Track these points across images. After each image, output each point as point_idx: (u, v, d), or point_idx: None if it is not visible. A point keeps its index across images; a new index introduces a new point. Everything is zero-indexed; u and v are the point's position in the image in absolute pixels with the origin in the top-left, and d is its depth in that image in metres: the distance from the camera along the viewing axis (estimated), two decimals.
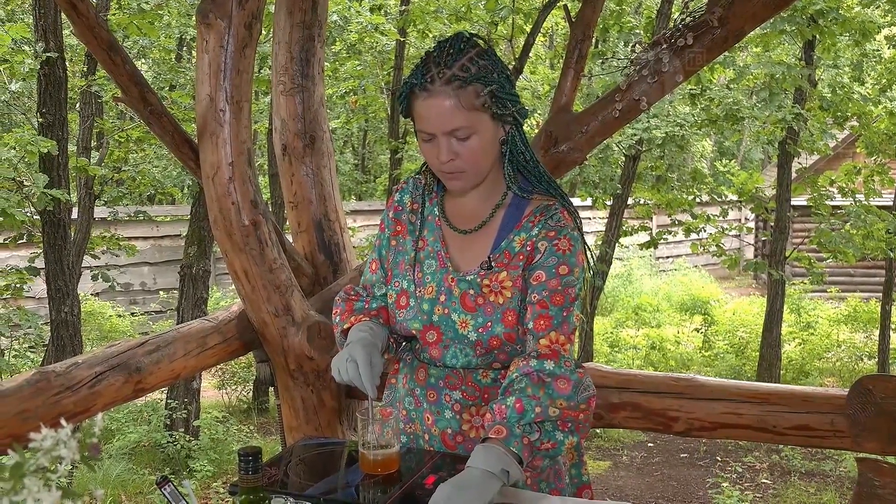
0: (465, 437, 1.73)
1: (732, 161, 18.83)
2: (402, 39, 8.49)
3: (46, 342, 6.23)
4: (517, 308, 1.68)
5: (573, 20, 2.69)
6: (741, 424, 2.24)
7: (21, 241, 6.12)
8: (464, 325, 1.70)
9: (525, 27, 8.15)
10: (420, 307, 1.74)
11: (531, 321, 1.67)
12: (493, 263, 1.70)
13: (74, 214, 6.51)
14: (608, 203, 8.52)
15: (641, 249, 9.09)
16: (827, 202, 8.37)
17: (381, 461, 1.59)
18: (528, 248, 1.69)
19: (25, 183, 5.56)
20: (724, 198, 9.21)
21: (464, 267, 1.74)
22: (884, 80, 9.22)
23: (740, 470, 7.05)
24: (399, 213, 1.84)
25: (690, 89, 7.91)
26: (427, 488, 1.56)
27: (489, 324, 1.68)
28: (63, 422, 0.89)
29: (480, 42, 1.67)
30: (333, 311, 1.90)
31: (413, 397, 1.80)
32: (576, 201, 7.76)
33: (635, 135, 8.14)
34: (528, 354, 1.65)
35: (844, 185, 8.47)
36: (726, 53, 6.70)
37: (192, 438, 6.78)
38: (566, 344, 1.65)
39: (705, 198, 9.33)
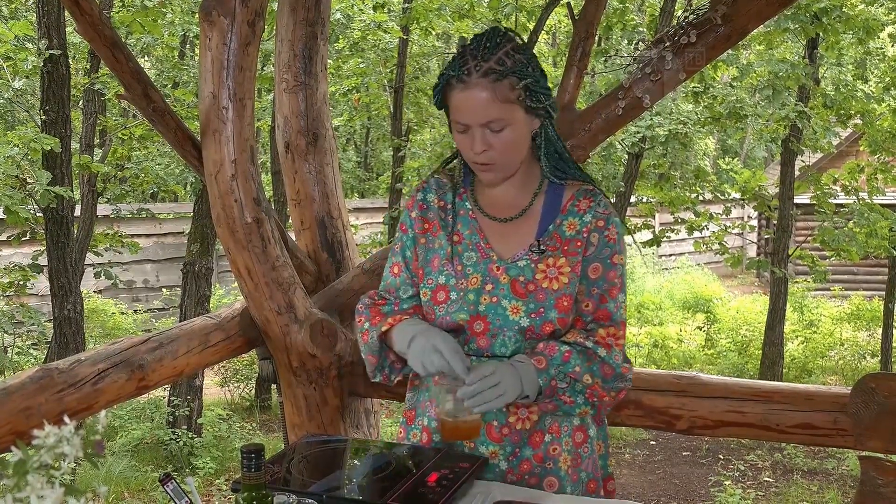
0: (512, 429, 1.72)
1: (735, 159, 18.80)
2: (405, 37, 8.48)
3: (49, 339, 6.24)
4: (573, 294, 1.71)
5: (576, 18, 2.69)
6: (744, 423, 2.23)
7: (24, 239, 6.14)
8: (515, 311, 1.70)
9: (528, 25, 8.14)
10: (465, 298, 1.72)
11: (590, 314, 1.73)
12: (543, 247, 1.72)
13: (77, 212, 6.52)
14: (611, 201, 8.49)
15: (644, 247, 9.08)
16: (830, 200, 8.35)
17: (465, 429, 1.61)
18: (584, 235, 1.73)
19: (29, 180, 5.57)
20: (727, 196, 9.20)
21: (507, 254, 1.74)
22: (887, 78, 9.20)
23: (743, 468, 7.04)
24: (425, 212, 1.82)
25: (694, 87, 7.90)
26: (430, 485, 1.56)
27: (542, 310, 1.69)
28: (66, 419, 0.90)
29: (516, 37, 1.69)
30: (357, 319, 1.84)
31: None
32: None
33: (638, 132, 8.13)
34: (588, 335, 1.71)
35: (848, 184, 8.45)
36: (730, 51, 6.69)
37: (194, 436, 6.79)
38: (621, 339, 1.73)
39: (708, 196, 9.31)
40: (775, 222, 8.53)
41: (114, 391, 2.22)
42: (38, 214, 5.69)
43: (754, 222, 15.33)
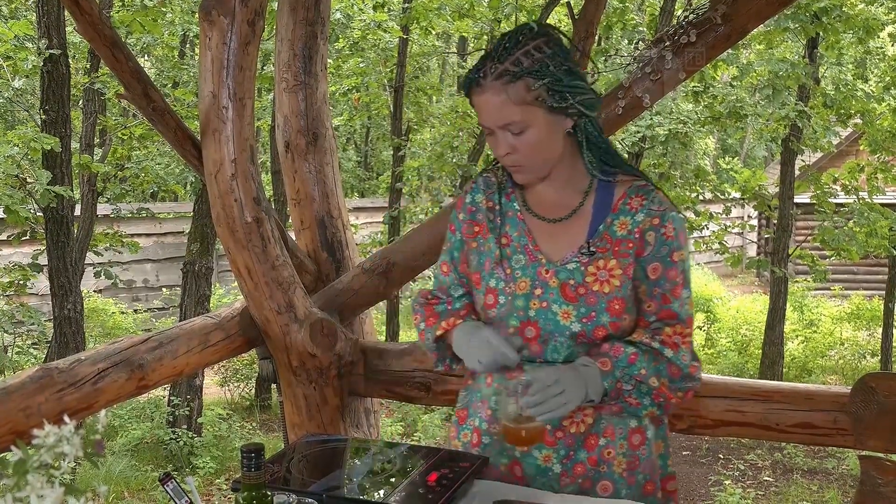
0: (566, 433, 1.68)
1: (735, 158, 18.79)
2: (405, 37, 8.48)
3: (49, 339, 6.24)
4: (626, 297, 1.66)
5: (576, 17, 2.68)
6: (744, 422, 2.23)
7: (24, 238, 6.13)
8: (566, 315, 1.65)
9: None
10: (513, 304, 1.68)
11: (654, 314, 1.68)
12: (592, 248, 1.67)
13: (77, 211, 6.52)
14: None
15: None
16: (830, 200, 8.35)
17: (528, 436, 1.58)
18: (637, 235, 1.67)
19: (29, 180, 5.57)
20: (727, 195, 9.19)
21: (556, 256, 1.69)
22: (888, 78, 9.19)
23: (742, 468, 7.04)
24: (474, 214, 1.79)
25: (694, 86, 7.89)
26: (429, 485, 1.56)
27: (593, 314, 1.64)
28: (66, 418, 0.90)
29: (551, 32, 1.65)
30: (414, 317, 1.87)
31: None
32: None
33: (638, 132, 8.13)
34: (653, 335, 1.67)
35: (848, 183, 8.45)
36: (730, 51, 6.69)
37: (194, 435, 6.79)
38: (688, 336, 1.68)
39: (708, 195, 9.31)
40: (775, 222, 8.53)
41: (114, 391, 2.22)
42: (38, 214, 5.69)
43: (754, 222, 15.32)
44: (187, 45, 9.69)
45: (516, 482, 1.69)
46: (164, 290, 11.29)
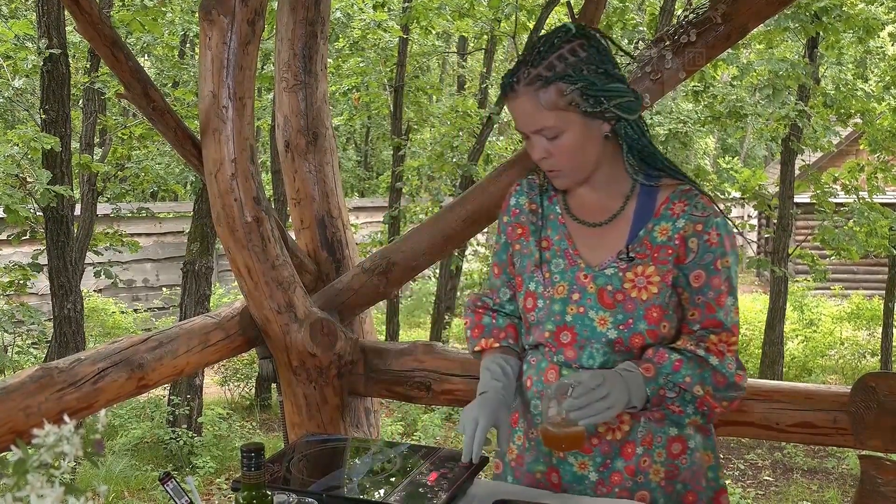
0: (602, 439, 1.65)
1: (735, 158, 18.79)
2: (405, 36, 8.48)
3: (49, 338, 6.24)
4: (664, 304, 1.63)
5: (576, 17, 2.69)
6: (744, 422, 2.23)
7: (24, 238, 6.14)
8: (602, 322, 1.63)
9: (528, 24, 8.14)
10: (550, 308, 1.67)
11: (698, 323, 1.65)
12: (631, 254, 1.64)
13: (77, 211, 6.52)
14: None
15: None
16: (830, 199, 8.36)
17: (567, 440, 1.55)
18: (677, 242, 1.63)
19: (29, 179, 5.57)
20: (727, 195, 9.19)
21: (595, 261, 1.67)
22: (887, 77, 9.19)
23: (742, 467, 7.04)
24: (517, 217, 1.78)
25: (694, 86, 7.90)
26: (429, 485, 1.56)
27: (630, 321, 1.61)
28: (66, 418, 0.89)
29: (587, 33, 1.63)
30: (465, 322, 1.89)
31: (541, 400, 1.69)
32: None
33: None
34: (698, 341, 1.63)
35: (848, 183, 8.45)
36: (730, 50, 6.68)
37: (194, 435, 6.79)
38: (733, 344, 1.65)
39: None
40: (775, 221, 8.53)
41: (113, 390, 2.22)
42: (38, 213, 5.69)
43: (754, 221, 15.32)
44: (187, 45, 9.70)
45: (552, 489, 1.67)
46: (164, 289, 11.30)
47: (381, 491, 1.55)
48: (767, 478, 6.85)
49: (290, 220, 2.96)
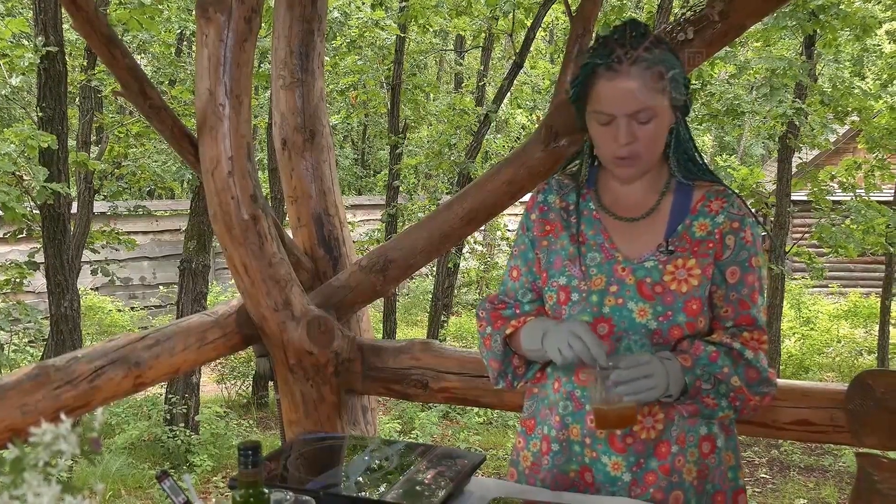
0: (636, 439, 1.64)
1: (733, 156, 18.80)
2: (402, 35, 8.48)
3: (46, 337, 6.23)
4: (703, 297, 1.64)
5: (573, 15, 2.68)
6: (740, 419, 2.23)
7: (21, 236, 6.13)
8: (642, 313, 1.63)
9: (526, 22, 8.14)
10: (588, 300, 1.66)
11: (731, 319, 1.68)
12: (671, 247, 1.66)
13: (74, 209, 6.51)
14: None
15: None
16: (827, 197, 8.37)
17: (617, 417, 1.54)
18: (717, 237, 1.66)
19: (25, 177, 5.57)
20: None
21: (633, 254, 1.68)
22: (885, 75, 9.23)
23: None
24: (545, 213, 1.78)
25: (691, 84, 7.89)
26: (427, 483, 1.56)
27: (670, 313, 1.63)
28: (63, 416, 0.89)
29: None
30: (479, 325, 1.82)
31: (572, 400, 1.69)
32: None
33: None
34: (733, 336, 1.66)
35: (845, 180, 8.47)
36: (727, 48, 6.69)
37: (191, 433, 6.79)
38: (764, 343, 1.68)
39: None
40: (772, 219, 8.54)
41: (110, 388, 2.22)
42: (34, 211, 5.68)
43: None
44: (184, 43, 9.69)
45: (587, 489, 1.66)
46: (160, 287, 11.28)
47: (378, 489, 1.55)
48: (764, 475, 6.86)
49: (286, 218, 2.96)
